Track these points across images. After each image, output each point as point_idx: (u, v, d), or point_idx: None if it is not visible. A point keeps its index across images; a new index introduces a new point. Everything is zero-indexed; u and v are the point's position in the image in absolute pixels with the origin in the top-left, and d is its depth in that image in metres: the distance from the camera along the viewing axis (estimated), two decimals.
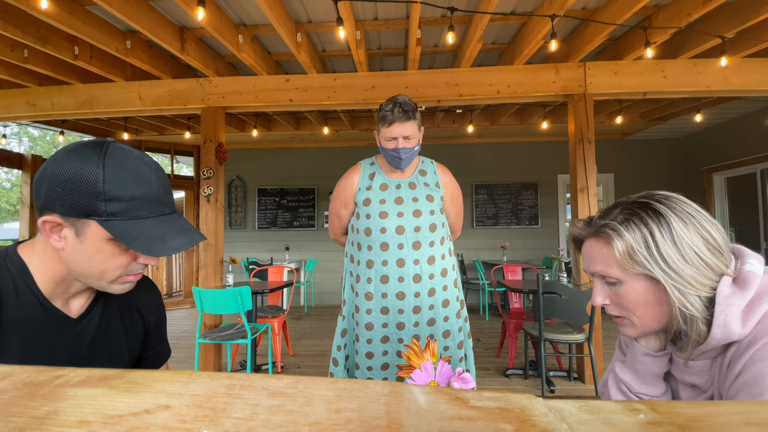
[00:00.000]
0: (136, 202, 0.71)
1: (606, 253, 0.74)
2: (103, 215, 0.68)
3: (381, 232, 1.59)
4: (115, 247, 0.72)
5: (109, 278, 0.75)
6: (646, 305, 0.73)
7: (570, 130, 3.69)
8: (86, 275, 0.74)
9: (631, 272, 0.72)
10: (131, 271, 0.77)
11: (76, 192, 0.67)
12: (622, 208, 0.75)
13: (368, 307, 1.61)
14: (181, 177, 6.97)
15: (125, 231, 0.69)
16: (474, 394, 0.28)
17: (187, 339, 4.80)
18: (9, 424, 0.23)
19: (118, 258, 0.73)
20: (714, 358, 0.71)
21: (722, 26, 3.02)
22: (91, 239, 0.70)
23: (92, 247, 0.71)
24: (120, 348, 0.88)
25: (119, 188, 0.69)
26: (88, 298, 0.83)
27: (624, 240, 0.71)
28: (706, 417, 0.24)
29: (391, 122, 1.55)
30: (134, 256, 0.76)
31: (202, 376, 0.30)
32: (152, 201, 0.73)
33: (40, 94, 3.98)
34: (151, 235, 0.71)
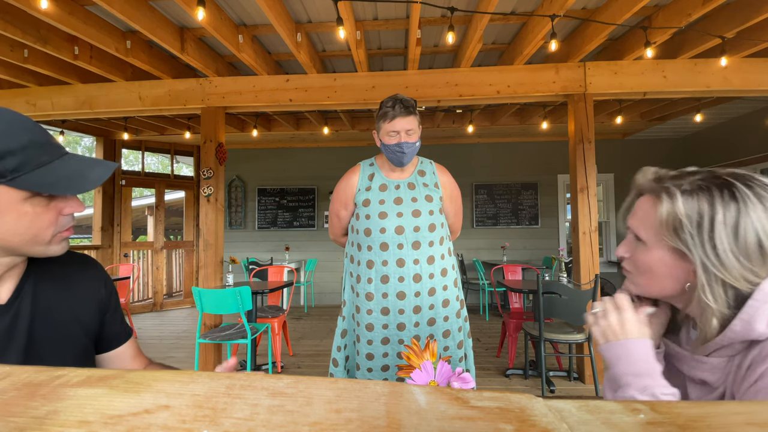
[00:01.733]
0: (30, 150, 0.66)
1: (649, 213, 0.72)
2: (7, 175, 0.64)
3: (380, 233, 1.59)
4: (35, 206, 0.68)
5: (44, 240, 0.71)
6: (658, 275, 0.72)
7: (570, 130, 3.69)
8: (19, 245, 0.70)
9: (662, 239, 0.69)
10: (63, 227, 0.74)
11: None
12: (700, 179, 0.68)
13: (369, 307, 1.61)
14: (181, 177, 6.97)
15: (39, 180, 0.65)
16: (474, 394, 0.28)
17: (187, 339, 4.80)
18: (9, 424, 0.23)
19: (43, 216, 0.69)
20: (731, 357, 0.68)
21: (722, 26, 3.02)
22: (7, 205, 0.66)
23: (12, 213, 0.66)
24: (71, 327, 0.83)
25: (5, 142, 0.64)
26: (15, 280, 0.77)
27: (675, 209, 0.67)
28: (707, 417, 0.24)
29: (393, 117, 1.57)
30: (59, 210, 0.72)
31: (202, 376, 0.30)
32: (45, 144, 0.69)
33: (40, 94, 3.98)
34: (68, 175, 0.68)
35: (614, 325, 0.75)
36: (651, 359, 0.71)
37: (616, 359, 0.73)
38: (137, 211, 9.86)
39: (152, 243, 6.70)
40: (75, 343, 0.84)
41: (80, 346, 0.85)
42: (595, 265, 3.46)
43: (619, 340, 0.73)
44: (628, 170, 6.73)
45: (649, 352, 0.72)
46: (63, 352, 0.81)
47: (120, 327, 0.95)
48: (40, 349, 0.78)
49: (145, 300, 6.93)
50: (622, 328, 0.74)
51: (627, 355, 0.71)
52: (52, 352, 0.80)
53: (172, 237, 11.60)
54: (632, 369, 0.70)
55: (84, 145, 20.60)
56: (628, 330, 0.74)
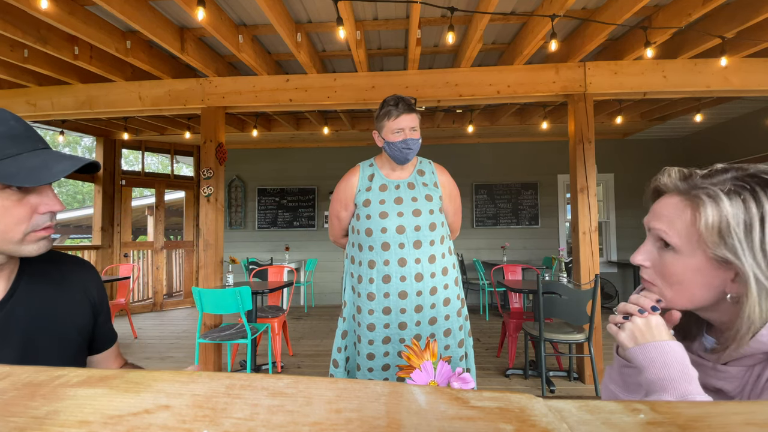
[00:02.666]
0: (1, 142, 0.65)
1: (684, 218, 0.64)
2: None
3: (382, 232, 1.60)
4: (4, 200, 0.66)
5: (14, 238, 0.68)
6: (691, 284, 0.65)
7: (570, 130, 3.69)
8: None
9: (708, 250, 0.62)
10: (37, 226, 0.71)
11: None
12: (735, 176, 0.63)
13: (370, 307, 1.61)
14: (181, 177, 6.97)
15: (3, 172, 0.64)
16: (474, 394, 0.28)
17: (187, 339, 4.80)
18: (9, 424, 0.23)
19: (12, 211, 0.67)
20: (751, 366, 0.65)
21: (722, 26, 3.02)
22: None
23: None
24: (65, 328, 0.83)
25: None
26: (7, 281, 0.77)
27: (721, 211, 0.60)
28: (706, 417, 0.24)
29: (398, 115, 1.60)
30: (33, 207, 0.70)
31: (202, 376, 0.30)
32: (17, 138, 0.68)
33: (40, 94, 3.98)
34: (32, 166, 0.66)
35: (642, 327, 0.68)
36: (687, 362, 0.64)
37: (649, 362, 0.65)
38: (137, 211, 9.86)
39: (152, 243, 6.70)
40: (70, 342, 0.84)
41: (75, 346, 0.85)
42: (595, 265, 3.46)
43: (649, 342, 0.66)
44: (628, 170, 6.73)
45: (684, 355, 0.65)
46: (58, 351, 0.81)
47: (110, 330, 0.97)
48: (36, 348, 0.78)
49: (145, 300, 6.93)
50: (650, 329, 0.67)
51: (662, 358, 0.64)
52: (48, 351, 0.79)
53: (172, 237, 11.60)
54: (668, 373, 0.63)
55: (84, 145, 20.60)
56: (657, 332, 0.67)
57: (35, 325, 0.78)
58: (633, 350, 0.68)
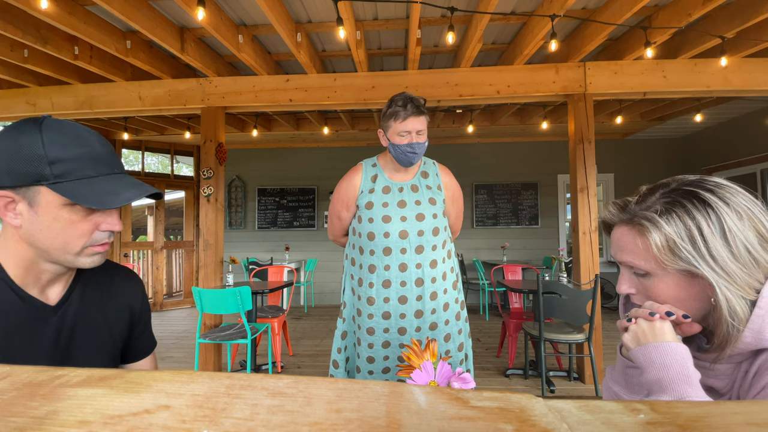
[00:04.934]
0: (80, 162, 0.71)
1: (638, 245, 0.69)
2: (51, 179, 0.69)
3: (384, 237, 1.57)
4: (72, 214, 0.72)
5: (73, 249, 0.74)
6: (678, 300, 0.68)
7: (570, 130, 3.69)
8: (49, 249, 0.73)
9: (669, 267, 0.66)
10: (96, 241, 0.76)
11: (18, 160, 0.68)
12: (663, 195, 0.68)
13: (370, 311, 1.60)
14: (181, 177, 6.97)
15: (75, 190, 0.69)
16: (474, 394, 0.28)
17: (187, 339, 4.80)
18: (9, 424, 0.23)
19: (77, 226, 0.73)
20: (739, 363, 0.67)
21: (722, 26, 3.02)
22: (45, 207, 0.70)
23: (48, 216, 0.71)
24: (104, 335, 0.87)
25: (60, 149, 0.69)
26: (65, 285, 0.82)
27: (663, 233, 0.65)
28: (706, 417, 0.24)
29: (405, 117, 1.54)
30: (96, 224, 0.75)
31: (202, 376, 0.30)
32: (97, 161, 0.73)
33: (40, 94, 3.98)
34: (103, 191, 0.72)
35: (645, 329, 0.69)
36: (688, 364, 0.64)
37: (648, 363, 0.66)
38: (137, 211, 9.86)
39: (152, 243, 6.70)
40: (106, 349, 0.88)
41: (108, 354, 0.89)
42: (595, 265, 3.46)
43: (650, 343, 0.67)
44: (628, 170, 6.73)
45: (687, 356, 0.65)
46: (95, 357, 0.86)
47: (147, 341, 1.00)
48: (77, 352, 0.82)
49: None
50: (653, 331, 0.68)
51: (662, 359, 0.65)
52: (86, 356, 0.84)
53: (172, 237, 11.60)
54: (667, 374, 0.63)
55: None
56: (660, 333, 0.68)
57: (81, 330, 0.83)
58: (635, 351, 0.69)
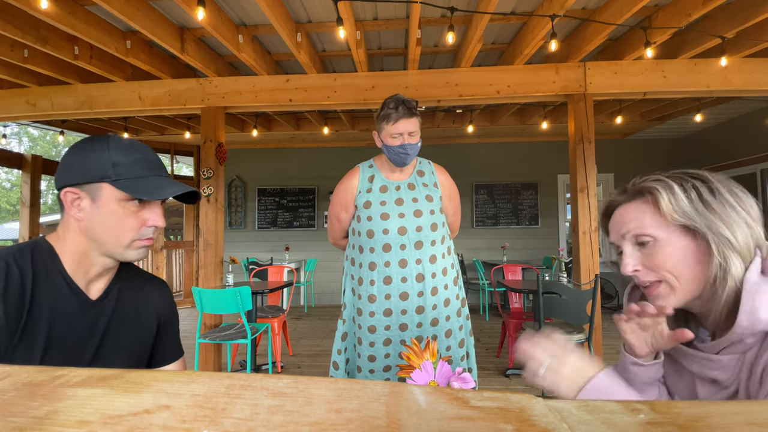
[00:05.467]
0: (136, 165, 0.86)
1: (644, 211, 0.73)
2: (113, 176, 0.84)
3: (383, 234, 1.59)
4: (125, 209, 0.85)
5: (125, 241, 0.86)
6: (686, 263, 0.70)
7: (570, 130, 3.69)
8: (104, 240, 0.86)
9: (670, 227, 0.70)
10: (143, 236, 0.89)
11: (89, 161, 0.84)
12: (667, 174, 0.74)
13: (371, 309, 1.61)
14: (181, 177, 6.97)
15: (130, 185, 0.85)
16: (474, 394, 0.28)
17: (187, 339, 4.79)
18: (9, 424, 0.23)
19: (129, 219, 0.86)
20: (743, 353, 0.67)
21: (722, 26, 3.02)
22: (105, 201, 0.84)
23: (106, 209, 0.84)
24: (133, 334, 0.96)
25: (121, 154, 0.85)
26: (106, 282, 0.93)
27: (673, 191, 0.70)
28: (706, 417, 0.24)
29: (396, 119, 1.58)
30: (144, 220, 0.88)
31: (202, 376, 0.30)
32: (150, 165, 0.89)
33: (40, 94, 3.98)
34: (152, 186, 0.87)
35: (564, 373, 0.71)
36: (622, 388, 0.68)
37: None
38: None
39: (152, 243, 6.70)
40: (136, 345, 0.97)
41: (138, 350, 0.98)
42: (595, 265, 3.46)
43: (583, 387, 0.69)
44: (628, 170, 6.72)
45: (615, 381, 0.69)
46: (126, 351, 0.94)
47: (171, 347, 1.07)
48: (110, 344, 0.91)
49: None
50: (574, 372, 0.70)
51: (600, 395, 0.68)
52: (116, 353, 0.92)
53: (172, 237, 11.60)
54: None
55: None
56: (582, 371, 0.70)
57: (115, 327, 0.93)
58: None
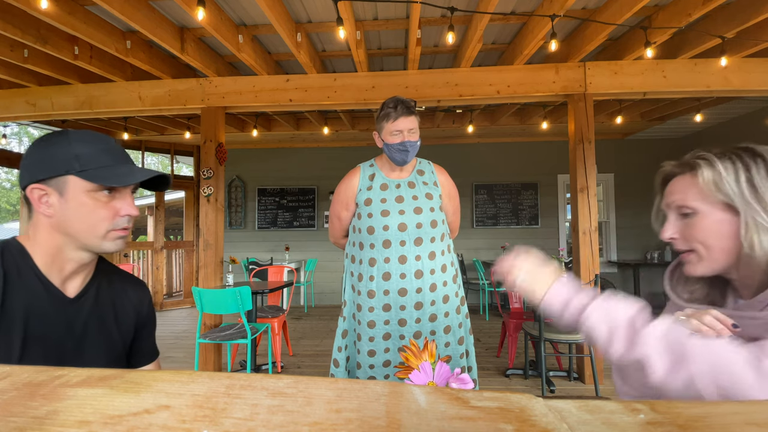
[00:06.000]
0: (100, 155, 0.85)
1: (688, 182, 0.78)
2: (77, 168, 0.82)
3: (384, 230, 1.62)
4: (95, 200, 0.84)
5: (99, 232, 0.85)
6: (719, 237, 0.75)
7: (570, 130, 3.69)
8: (78, 233, 0.84)
9: (710, 201, 0.75)
10: (117, 225, 0.87)
11: (51, 156, 0.83)
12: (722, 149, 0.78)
13: (370, 305, 1.63)
14: (181, 177, 6.97)
15: (97, 175, 0.83)
16: (474, 394, 0.28)
17: (187, 339, 4.80)
18: (9, 424, 0.23)
19: (100, 210, 0.84)
20: None
21: (722, 26, 3.02)
22: (73, 194, 0.82)
23: (75, 201, 0.83)
24: (112, 333, 0.95)
25: (83, 146, 0.84)
26: (83, 280, 0.91)
27: (714, 168, 0.75)
28: (706, 417, 0.24)
29: (396, 117, 1.62)
30: (116, 210, 0.86)
31: (202, 376, 0.30)
32: (115, 153, 0.88)
33: (40, 94, 3.98)
34: (120, 173, 0.86)
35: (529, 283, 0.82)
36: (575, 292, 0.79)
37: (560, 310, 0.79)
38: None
39: (152, 243, 6.70)
40: (114, 345, 0.96)
41: (116, 352, 0.96)
42: (595, 265, 3.46)
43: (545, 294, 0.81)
44: (628, 170, 6.73)
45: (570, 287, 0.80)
46: (104, 353, 0.93)
47: (149, 347, 1.07)
48: (88, 344, 0.90)
49: None
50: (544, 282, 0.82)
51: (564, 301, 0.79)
52: (97, 351, 0.91)
53: (172, 237, 11.60)
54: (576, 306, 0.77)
55: None
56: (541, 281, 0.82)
57: (93, 325, 0.91)
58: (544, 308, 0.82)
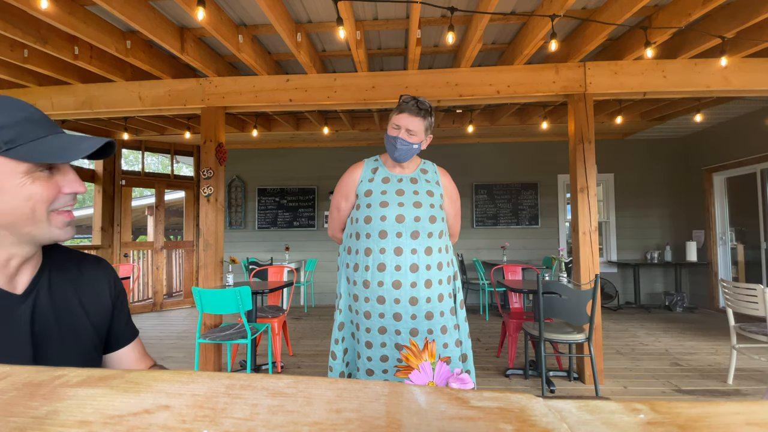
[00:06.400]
0: (25, 124, 0.70)
1: None
2: (2, 146, 0.68)
3: (381, 220, 1.61)
4: (33, 180, 0.71)
5: (41, 216, 0.72)
6: None
7: (570, 130, 3.69)
8: (17, 222, 0.72)
9: None
10: (61, 205, 0.75)
11: None
12: None
13: (366, 295, 1.62)
14: (181, 177, 6.97)
15: (31, 151, 0.69)
16: (474, 394, 0.28)
17: (187, 339, 4.80)
18: (9, 424, 0.23)
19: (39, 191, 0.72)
20: None
21: (722, 26, 3.02)
22: (4, 177, 0.69)
23: (9, 184, 0.69)
24: (83, 321, 0.85)
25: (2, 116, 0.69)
26: (31, 272, 0.80)
27: None
28: (707, 417, 0.24)
29: (401, 111, 1.62)
30: (59, 187, 0.74)
31: (202, 376, 0.30)
32: (40, 121, 0.73)
33: (40, 94, 3.98)
34: (60, 146, 0.71)
35: None
36: None
37: None
38: (137, 211, 9.86)
39: (152, 243, 6.70)
40: (85, 337, 0.85)
41: (89, 341, 0.86)
42: (595, 265, 3.46)
43: None
44: (628, 170, 6.73)
45: None
46: (73, 346, 0.83)
47: (125, 327, 0.97)
48: (52, 340, 0.79)
49: (145, 300, 6.93)
50: None
51: None
52: (64, 345, 0.81)
53: (172, 237, 11.60)
54: None
55: None
56: None
57: (54, 317, 0.81)
58: None
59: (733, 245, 5.98)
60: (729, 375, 3.30)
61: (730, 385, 3.25)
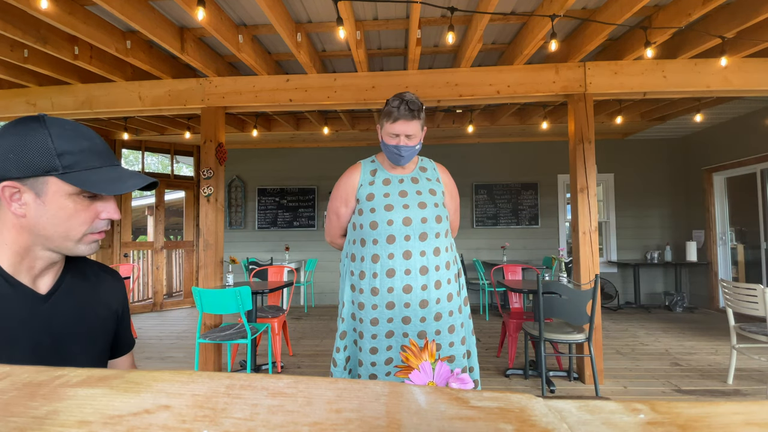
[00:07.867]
0: (85, 153, 0.76)
1: None
2: (60, 169, 0.73)
3: (388, 225, 1.57)
4: (76, 204, 0.76)
5: (75, 236, 0.78)
6: None
7: (570, 130, 3.69)
8: (52, 237, 0.76)
9: None
10: (95, 229, 0.80)
11: (29, 153, 0.72)
12: None
13: (374, 302, 1.58)
14: (181, 177, 6.97)
15: (84, 179, 0.75)
16: (474, 394, 0.28)
17: (187, 339, 4.80)
18: (9, 424, 0.23)
19: (81, 214, 0.77)
20: None
21: (722, 26, 3.02)
22: (53, 196, 0.74)
23: (55, 204, 0.75)
24: (95, 328, 0.90)
25: (67, 143, 0.75)
26: (55, 275, 0.84)
27: None
28: (706, 417, 0.24)
29: (395, 119, 1.55)
30: (97, 212, 0.80)
31: (202, 376, 0.30)
32: (101, 153, 0.79)
33: (40, 94, 3.98)
34: (110, 178, 0.77)
35: None
36: None
37: None
38: (137, 211, 9.86)
39: (152, 243, 6.70)
40: (99, 340, 0.91)
41: (102, 345, 0.92)
42: (595, 265, 3.46)
43: None
44: (628, 170, 6.73)
45: None
46: (89, 347, 0.88)
47: (129, 337, 1.03)
48: (68, 341, 0.84)
49: (145, 300, 6.93)
50: None
51: None
52: (80, 346, 0.86)
53: (172, 237, 11.60)
54: None
55: None
56: None
57: (72, 320, 0.85)
58: None
59: (733, 245, 5.98)
60: (729, 375, 3.30)
61: (730, 385, 3.25)
